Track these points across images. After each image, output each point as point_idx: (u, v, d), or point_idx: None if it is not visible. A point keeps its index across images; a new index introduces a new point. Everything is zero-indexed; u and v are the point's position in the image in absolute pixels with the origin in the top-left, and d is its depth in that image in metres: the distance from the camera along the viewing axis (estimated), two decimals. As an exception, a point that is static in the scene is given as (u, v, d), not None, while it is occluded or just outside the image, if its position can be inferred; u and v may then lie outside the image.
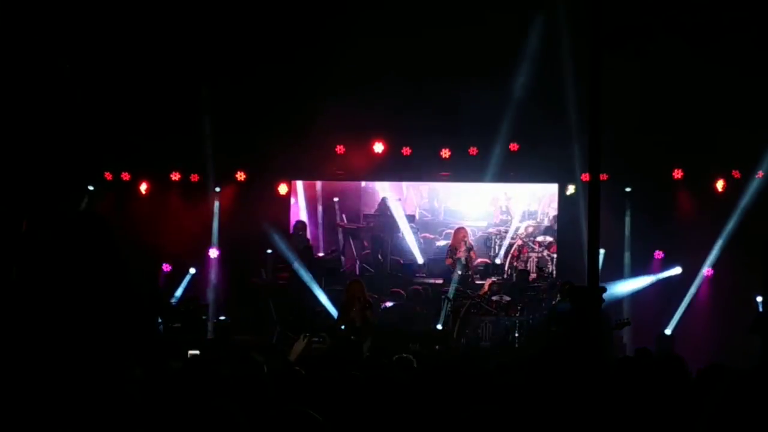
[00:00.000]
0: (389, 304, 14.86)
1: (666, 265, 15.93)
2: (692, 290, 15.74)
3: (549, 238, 16.81)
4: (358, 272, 16.35)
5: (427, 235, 17.34)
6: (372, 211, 17.21)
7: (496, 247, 17.06)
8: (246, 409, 4.06)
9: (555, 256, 16.65)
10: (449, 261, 16.41)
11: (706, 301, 15.86)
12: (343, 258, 17.24)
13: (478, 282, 16.16)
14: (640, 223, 15.80)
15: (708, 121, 14.64)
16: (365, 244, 17.17)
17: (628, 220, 15.86)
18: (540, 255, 16.75)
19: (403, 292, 15.54)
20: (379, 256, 16.83)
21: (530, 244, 16.91)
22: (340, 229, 17.40)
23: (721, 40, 13.29)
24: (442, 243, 17.20)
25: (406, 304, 15.15)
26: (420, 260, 16.79)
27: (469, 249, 16.35)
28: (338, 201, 17.55)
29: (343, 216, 17.23)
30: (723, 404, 3.28)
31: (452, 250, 16.48)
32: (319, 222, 17.58)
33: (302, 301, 14.84)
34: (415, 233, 17.00)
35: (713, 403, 3.24)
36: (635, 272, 15.91)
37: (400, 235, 16.82)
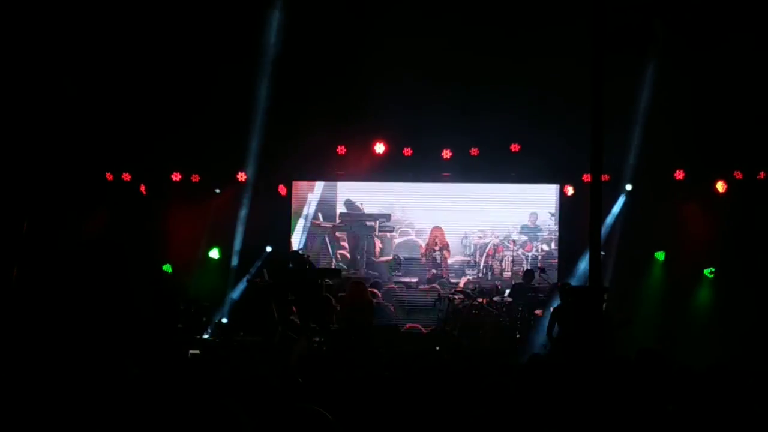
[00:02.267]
0: None
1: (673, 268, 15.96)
2: (694, 290, 15.80)
3: (524, 237, 16.85)
4: None
5: (385, 233, 17.36)
6: (345, 210, 17.28)
7: (472, 246, 17.08)
8: (247, 408, 4.05)
9: (530, 254, 16.73)
10: (423, 260, 16.77)
11: (709, 301, 15.86)
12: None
13: (453, 280, 16.48)
14: (641, 223, 15.79)
15: (710, 122, 14.62)
16: (341, 243, 17.18)
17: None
18: (515, 253, 16.80)
19: (378, 292, 15.64)
20: (357, 255, 16.95)
21: (505, 242, 16.93)
22: (318, 229, 17.30)
23: (723, 40, 13.28)
24: (398, 240, 17.19)
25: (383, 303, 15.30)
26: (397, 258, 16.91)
27: (443, 248, 16.65)
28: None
29: (319, 215, 17.21)
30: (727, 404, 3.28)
31: (427, 248, 16.82)
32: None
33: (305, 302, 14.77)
34: (390, 231, 17.12)
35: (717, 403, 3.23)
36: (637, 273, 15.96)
37: (375, 234, 16.97)
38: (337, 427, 3.11)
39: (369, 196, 17.32)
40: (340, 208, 17.29)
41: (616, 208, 15.82)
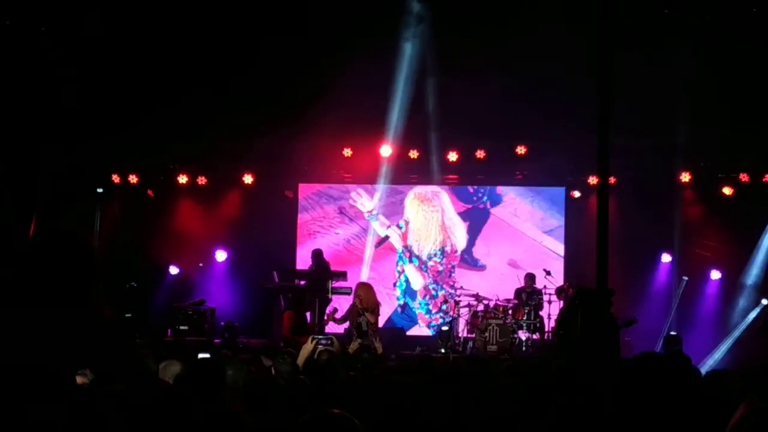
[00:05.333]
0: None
1: (679, 271, 15.95)
2: (700, 292, 15.82)
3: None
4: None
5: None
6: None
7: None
8: (253, 411, 4.05)
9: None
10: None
11: (713, 302, 15.85)
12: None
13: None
14: (647, 226, 15.79)
15: (716, 124, 14.61)
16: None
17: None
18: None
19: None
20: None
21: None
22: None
23: (729, 42, 13.27)
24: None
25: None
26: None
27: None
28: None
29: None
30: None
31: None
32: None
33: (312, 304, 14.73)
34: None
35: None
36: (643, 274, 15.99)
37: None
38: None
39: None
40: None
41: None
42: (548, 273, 15.06)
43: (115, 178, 16.54)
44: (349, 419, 3.09)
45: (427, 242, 16.93)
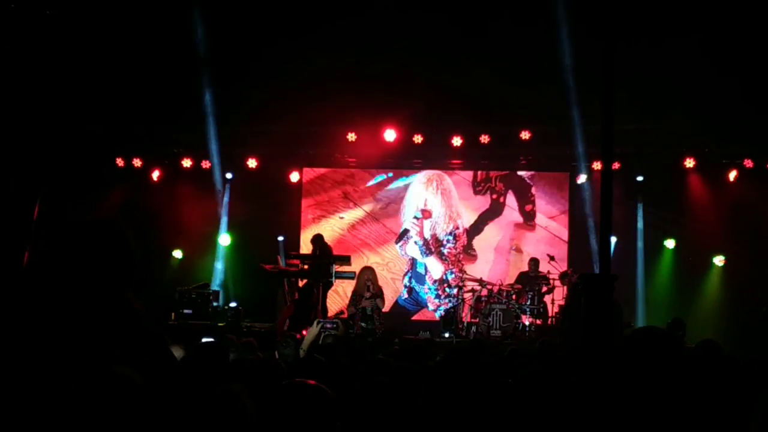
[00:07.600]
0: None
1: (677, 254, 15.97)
2: (704, 278, 15.84)
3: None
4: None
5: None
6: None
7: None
8: (258, 393, 4.06)
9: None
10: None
11: (718, 289, 15.85)
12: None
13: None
14: (651, 212, 15.80)
15: (720, 109, 14.57)
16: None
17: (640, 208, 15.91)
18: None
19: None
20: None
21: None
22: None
23: (733, 29, 13.24)
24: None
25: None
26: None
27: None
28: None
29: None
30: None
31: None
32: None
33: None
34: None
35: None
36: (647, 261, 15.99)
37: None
38: (336, 402, 3.14)
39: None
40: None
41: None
42: (552, 258, 15.08)
43: (120, 162, 16.56)
44: (321, 389, 3.12)
45: (444, 225, 16.82)
